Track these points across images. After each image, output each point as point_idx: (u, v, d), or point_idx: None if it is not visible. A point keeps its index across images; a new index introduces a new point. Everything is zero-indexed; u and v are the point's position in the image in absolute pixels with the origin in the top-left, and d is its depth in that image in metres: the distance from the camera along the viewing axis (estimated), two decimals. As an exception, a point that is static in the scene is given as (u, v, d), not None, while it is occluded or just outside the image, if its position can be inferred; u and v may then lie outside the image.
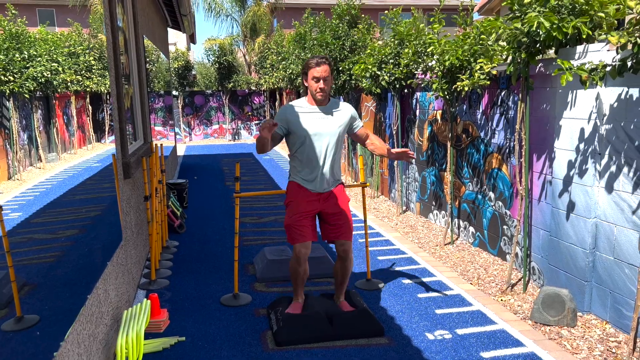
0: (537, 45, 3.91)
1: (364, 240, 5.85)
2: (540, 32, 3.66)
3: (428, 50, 5.31)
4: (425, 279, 4.70)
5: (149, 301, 3.49)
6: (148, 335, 3.66)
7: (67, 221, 2.66)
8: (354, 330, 3.60)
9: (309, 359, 3.34)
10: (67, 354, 2.30)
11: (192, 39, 17.39)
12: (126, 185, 4.15)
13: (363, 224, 6.47)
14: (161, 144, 5.87)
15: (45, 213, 2.44)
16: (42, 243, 2.32)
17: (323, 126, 3.57)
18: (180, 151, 15.61)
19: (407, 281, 4.65)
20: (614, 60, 3.41)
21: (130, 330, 3.04)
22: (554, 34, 3.58)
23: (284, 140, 3.69)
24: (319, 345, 3.52)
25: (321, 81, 3.49)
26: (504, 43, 4.29)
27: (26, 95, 2.57)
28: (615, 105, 3.60)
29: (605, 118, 3.69)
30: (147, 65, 7.88)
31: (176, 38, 31.67)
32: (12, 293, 1.96)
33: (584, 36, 3.64)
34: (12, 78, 2.37)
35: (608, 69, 3.42)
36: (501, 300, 4.25)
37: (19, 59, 2.45)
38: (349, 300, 3.99)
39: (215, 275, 4.89)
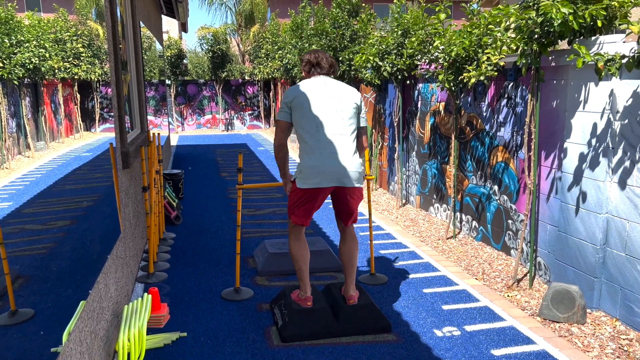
0: (550, 36, 3.81)
1: (367, 233, 5.76)
2: (555, 22, 3.56)
3: (435, 44, 5.18)
4: (429, 274, 4.61)
5: (149, 295, 3.37)
6: (149, 331, 3.54)
7: (62, 211, 2.53)
8: (361, 326, 3.51)
9: (316, 356, 3.25)
10: (70, 353, 2.18)
11: (183, 27, 17.10)
12: (124, 175, 4.01)
13: (366, 217, 6.37)
14: (158, 133, 5.72)
15: (37, 203, 2.32)
16: (35, 234, 2.20)
17: None
18: (173, 141, 15.41)
19: (411, 276, 4.57)
20: (632, 51, 3.32)
21: (132, 327, 2.93)
22: (570, 23, 3.48)
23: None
24: (326, 341, 3.43)
25: None
26: (513, 34, 4.19)
27: (15, 82, 2.45)
28: (631, 99, 3.51)
29: (619, 112, 3.60)
30: (145, 53, 7.69)
31: (168, 26, 31.25)
32: (6, 286, 1.84)
33: (600, 24, 3.54)
34: (0, 64, 2.25)
35: (624, 60, 3.33)
36: (507, 296, 4.18)
37: (8, 44, 2.33)
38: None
39: (215, 268, 4.78)
